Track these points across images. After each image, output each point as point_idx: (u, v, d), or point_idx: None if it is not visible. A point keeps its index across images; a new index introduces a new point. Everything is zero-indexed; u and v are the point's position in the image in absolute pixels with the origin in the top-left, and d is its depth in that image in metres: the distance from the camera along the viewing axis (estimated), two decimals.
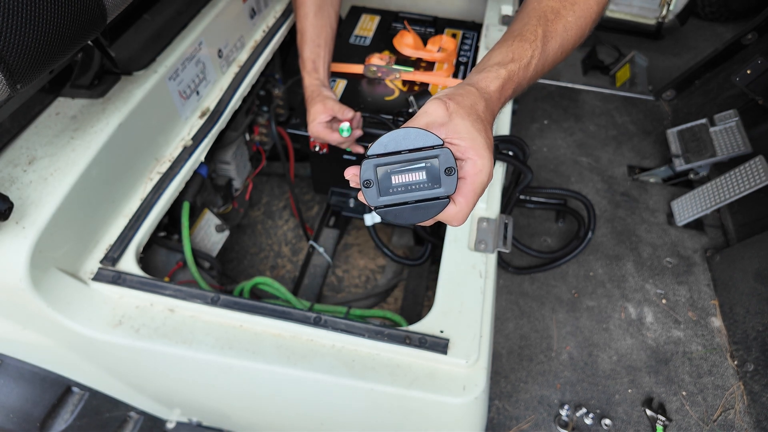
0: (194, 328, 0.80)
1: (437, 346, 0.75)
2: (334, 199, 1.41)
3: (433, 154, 0.50)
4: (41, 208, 0.77)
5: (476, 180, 0.52)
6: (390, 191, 0.51)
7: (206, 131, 1.06)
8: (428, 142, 0.50)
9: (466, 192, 0.52)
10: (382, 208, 0.51)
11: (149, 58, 0.98)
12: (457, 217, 0.53)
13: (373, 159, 0.50)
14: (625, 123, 2.03)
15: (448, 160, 0.50)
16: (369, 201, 0.51)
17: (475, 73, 0.61)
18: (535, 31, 0.64)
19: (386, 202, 0.51)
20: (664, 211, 1.70)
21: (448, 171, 0.50)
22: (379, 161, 0.50)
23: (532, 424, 1.25)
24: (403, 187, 0.51)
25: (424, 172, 0.50)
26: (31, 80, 0.67)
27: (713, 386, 1.30)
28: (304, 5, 1.13)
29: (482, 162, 0.51)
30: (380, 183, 0.51)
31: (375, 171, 0.50)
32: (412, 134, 0.50)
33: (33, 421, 0.92)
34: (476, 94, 0.56)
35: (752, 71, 1.66)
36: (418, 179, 0.50)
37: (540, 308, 1.45)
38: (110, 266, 0.85)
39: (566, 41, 0.67)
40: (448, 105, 0.53)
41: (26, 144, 0.85)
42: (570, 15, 0.67)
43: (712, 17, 2.95)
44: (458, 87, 0.57)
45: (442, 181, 0.50)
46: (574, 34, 0.68)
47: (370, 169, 0.50)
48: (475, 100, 0.55)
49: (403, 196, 0.51)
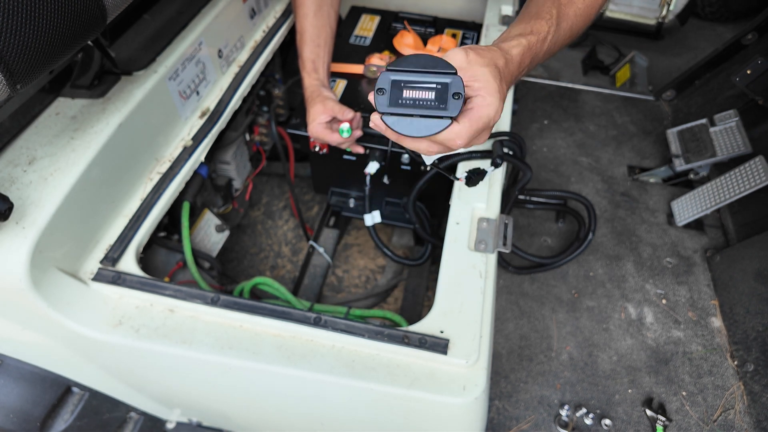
0: (194, 328, 0.80)
1: (437, 346, 0.75)
2: (334, 199, 1.41)
3: (445, 79, 0.54)
4: (41, 209, 0.77)
5: (482, 111, 0.57)
6: (399, 102, 0.55)
7: (206, 131, 1.06)
8: (443, 68, 0.55)
9: (470, 117, 0.57)
10: (388, 114, 0.56)
11: (149, 58, 0.98)
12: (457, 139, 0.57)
13: (391, 72, 0.55)
14: (625, 123, 2.03)
15: (457, 85, 0.54)
16: (378, 107, 0.56)
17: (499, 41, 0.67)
18: (550, 11, 0.71)
19: (393, 111, 0.56)
20: (664, 211, 1.70)
21: (456, 95, 0.54)
22: (396, 75, 0.55)
23: (532, 424, 1.25)
24: (411, 101, 0.55)
25: (434, 92, 0.54)
26: (31, 80, 0.67)
27: (713, 386, 1.30)
28: (303, 5, 1.13)
29: (491, 99, 0.57)
30: (392, 93, 0.55)
31: (390, 82, 0.55)
32: (431, 60, 0.55)
33: (33, 421, 0.92)
34: (498, 52, 0.61)
35: (752, 71, 1.66)
36: (426, 97, 0.55)
37: (540, 308, 1.45)
38: (110, 266, 0.85)
39: (575, 25, 0.74)
40: (469, 54, 0.58)
41: (26, 144, 0.85)
42: (580, 2, 0.74)
43: (712, 17, 2.95)
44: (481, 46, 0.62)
45: (449, 103, 0.54)
46: (582, 20, 0.75)
47: (386, 81, 0.55)
48: (496, 56, 0.60)
49: (410, 110, 0.55)
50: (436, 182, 1.10)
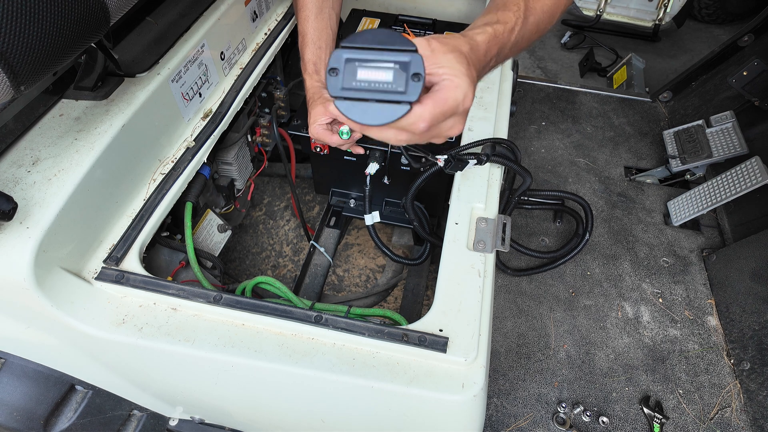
0: (197, 326, 0.81)
1: (436, 344, 0.76)
2: (335, 199, 1.42)
3: (404, 58, 0.48)
4: (45, 209, 0.78)
5: (450, 94, 0.51)
6: (353, 84, 0.49)
7: (209, 133, 1.07)
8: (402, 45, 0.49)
9: (435, 98, 0.51)
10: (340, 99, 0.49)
11: (152, 60, 0.99)
12: (419, 122, 0.51)
13: (345, 49, 0.49)
14: (622, 124, 2.05)
15: (417, 65, 0.48)
16: (330, 90, 0.50)
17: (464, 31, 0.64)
18: (517, 3, 0.69)
19: (346, 94, 0.49)
20: (661, 211, 1.71)
21: (415, 77, 0.48)
22: (350, 54, 0.49)
23: (530, 421, 1.26)
24: (366, 83, 0.49)
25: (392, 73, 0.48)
26: (34, 82, 0.67)
27: (710, 384, 1.31)
28: (305, 8, 1.14)
29: (458, 80, 0.51)
30: (345, 73, 0.49)
31: (344, 61, 0.49)
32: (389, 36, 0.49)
33: (37, 419, 0.93)
34: (461, 39, 0.58)
35: (748, 73, 1.68)
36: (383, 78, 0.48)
37: (538, 307, 1.46)
38: (114, 266, 0.85)
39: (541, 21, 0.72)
40: (431, 42, 0.54)
41: (30, 145, 0.86)
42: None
43: (708, 19, 2.97)
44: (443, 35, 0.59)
45: (407, 86, 0.48)
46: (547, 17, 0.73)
47: (340, 59, 0.49)
48: (459, 43, 0.57)
49: (365, 94, 0.49)
50: (436, 182, 1.11)
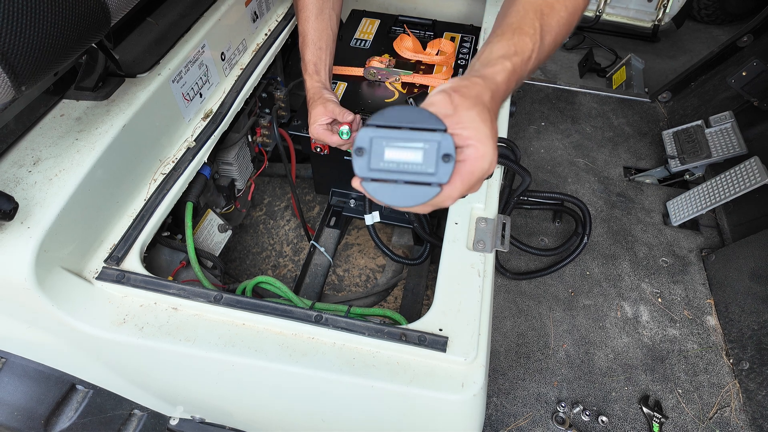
0: (197, 326, 0.81)
1: (436, 344, 0.76)
2: (335, 199, 1.42)
3: (434, 137, 0.47)
4: (46, 209, 0.78)
5: (476, 165, 0.50)
6: (381, 165, 0.48)
7: (209, 133, 1.07)
8: (431, 124, 0.47)
9: (462, 173, 0.50)
10: (368, 180, 0.48)
11: (153, 60, 0.99)
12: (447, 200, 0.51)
13: (371, 128, 0.48)
14: (621, 125, 2.05)
15: (447, 146, 0.47)
16: (357, 170, 0.48)
17: (481, 66, 0.60)
18: (533, 25, 0.64)
19: (374, 175, 0.48)
20: (660, 211, 1.72)
21: (446, 158, 0.47)
22: (377, 132, 0.47)
23: (530, 420, 1.26)
24: (395, 164, 0.48)
25: (421, 153, 0.47)
26: (35, 82, 0.68)
27: (709, 384, 1.31)
28: (305, 9, 1.15)
29: (484, 149, 0.50)
30: (372, 154, 0.48)
31: (370, 141, 0.48)
32: (416, 113, 0.48)
33: (37, 419, 0.93)
34: (482, 85, 0.55)
35: (747, 73, 1.68)
36: (412, 159, 0.47)
37: (537, 307, 1.46)
38: (114, 265, 0.86)
39: (559, 35, 0.68)
40: (453, 97, 0.52)
41: (31, 145, 0.86)
42: (563, 10, 0.68)
43: (707, 20, 2.97)
44: (463, 79, 0.56)
45: (437, 168, 0.47)
46: (565, 29, 0.69)
47: (366, 138, 0.48)
48: (481, 91, 0.55)
49: (393, 174, 0.48)
50: None
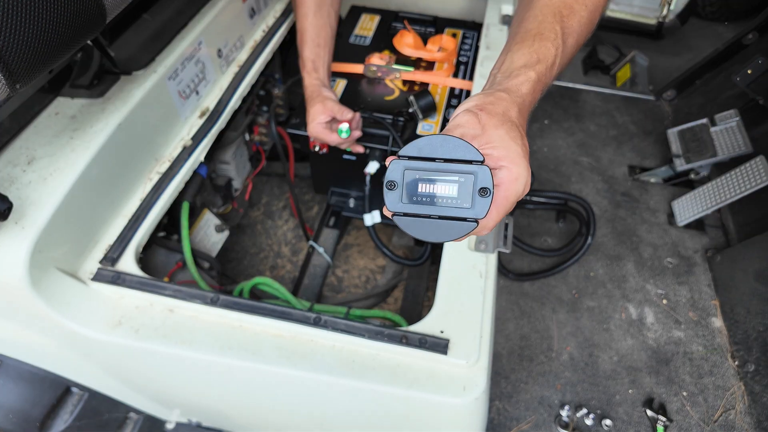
0: (194, 328, 0.80)
1: (437, 346, 0.74)
2: (334, 199, 1.41)
3: (470, 169, 0.45)
4: (40, 209, 0.77)
5: (510, 188, 0.48)
6: (414, 199, 0.46)
7: (206, 131, 1.06)
8: (467, 155, 0.45)
9: (498, 200, 0.48)
10: (400, 215, 0.47)
11: (149, 57, 0.98)
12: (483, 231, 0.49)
13: (404, 160, 0.46)
14: (625, 123, 2.03)
15: (485, 179, 0.45)
16: (389, 205, 0.47)
17: (503, 77, 0.58)
18: (554, 29, 0.61)
19: (407, 210, 0.46)
20: (665, 211, 1.70)
21: (483, 192, 0.45)
22: (410, 164, 0.46)
23: (533, 424, 1.24)
24: (428, 198, 0.46)
25: (456, 187, 0.45)
26: (30, 80, 0.66)
27: (714, 387, 1.30)
28: (303, 5, 1.13)
29: (518, 170, 0.48)
30: (405, 187, 0.46)
31: (403, 173, 0.46)
32: (451, 143, 0.45)
33: (32, 422, 0.92)
34: (508, 100, 0.53)
35: (753, 71, 1.66)
36: (447, 193, 0.46)
37: (540, 308, 1.45)
38: (110, 266, 0.85)
39: (580, 36, 0.65)
40: (480, 116, 0.50)
41: (25, 144, 0.85)
42: (583, 10, 0.65)
43: (712, 17, 2.95)
44: (487, 95, 0.54)
45: (474, 202, 0.45)
46: (586, 30, 0.66)
47: (398, 171, 0.46)
48: (508, 106, 0.52)
49: (427, 209, 0.46)
50: None
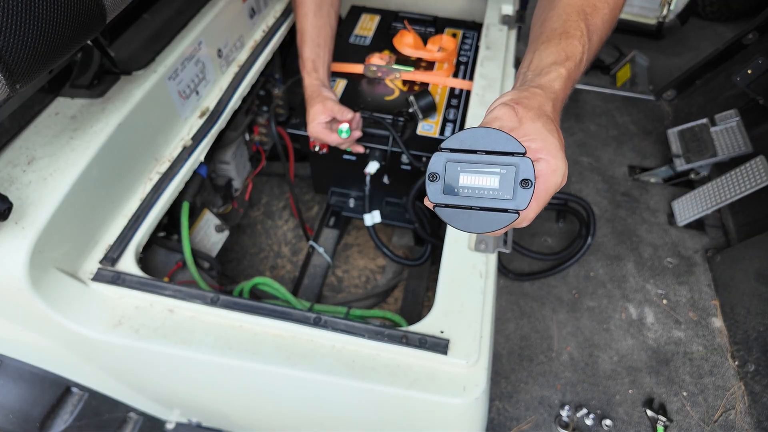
0: (194, 328, 0.80)
1: (437, 346, 0.74)
2: (334, 199, 1.41)
3: (512, 161, 0.46)
4: (40, 209, 0.77)
5: (549, 180, 0.48)
6: (455, 191, 0.47)
7: (206, 131, 1.06)
8: (508, 147, 0.46)
9: (537, 192, 0.48)
10: (442, 206, 0.48)
11: (149, 57, 0.98)
12: (524, 222, 0.50)
13: (446, 153, 0.47)
14: (625, 123, 2.03)
15: (527, 171, 0.45)
16: (431, 196, 0.48)
17: (534, 75, 0.59)
18: (579, 26, 0.62)
19: (448, 201, 0.47)
20: (665, 211, 1.70)
21: (525, 183, 0.46)
22: (451, 156, 0.46)
23: (533, 424, 1.24)
24: (470, 189, 0.47)
25: (498, 178, 0.46)
26: (30, 80, 0.66)
27: (714, 387, 1.30)
28: (303, 5, 1.13)
29: (556, 162, 0.49)
30: (446, 179, 0.47)
31: (444, 166, 0.47)
32: (493, 136, 0.46)
33: (32, 422, 0.92)
34: (542, 95, 0.54)
35: (753, 71, 1.66)
36: (488, 185, 0.46)
37: (540, 309, 1.44)
38: (110, 266, 0.84)
39: (604, 33, 0.66)
40: (517, 110, 0.51)
41: (25, 144, 0.85)
42: (605, 7, 0.65)
43: (712, 17, 2.95)
44: (522, 90, 0.55)
45: (516, 194, 0.46)
46: (609, 27, 0.67)
47: (440, 163, 0.47)
48: (543, 101, 0.53)
49: (468, 200, 0.47)
50: None
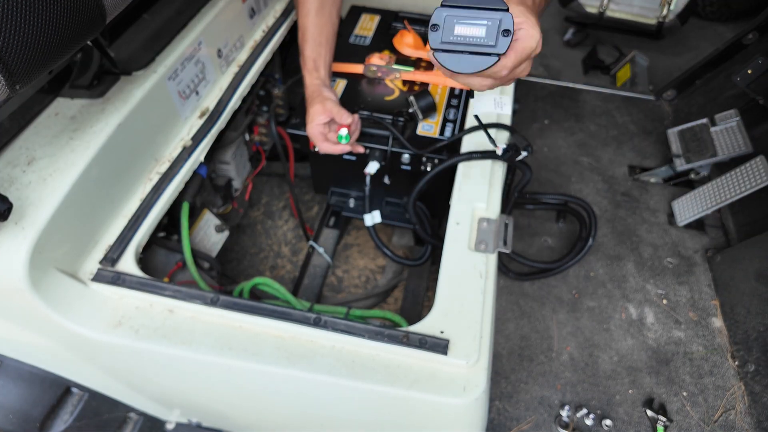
0: (194, 328, 0.80)
1: (437, 346, 0.74)
2: (334, 199, 1.41)
3: (497, 16, 0.56)
4: (40, 209, 0.77)
5: (526, 43, 0.60)
6: (450, 39, 0.58)
7: (206, 131, 1.06)
8: (495, 5, 0.57)
9: (516, 48, 0.60)
10: (440, 51, 0.59)
11: (149, 58, 0.98)
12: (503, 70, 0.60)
13: (445, 8, 0.57)
14: (625, 123, 2.03)
15: (507, 22, 0.56)
16: (431, 43, 0.58)
17: None
18: None
19: (444, 47, 0.58)
20: (665, 211, 1.70)
21: (505, 33, 0.56)
22: (450, 11, 0.57)
23: (533, 424, 1.24)
24: (462, 38, 0.57)
25: (484, 29, 0.56)
26: (30, 80, 0.66)
27: (714, 387, 1.30)
28: (305, 3, 1.13)
29: (533, 31, 0.61)
30: (444, 29, 0.57)
31: (443, 18, 0.57)
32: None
33: (32, 422, 0.92)
34: None
35: (753, 71, 1.66)
36: (476, 34, 0.57)
37: (540, 309, 1.44)
38: (110, 267, 0.84)
39: None
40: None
41: (25, 144, 0.85)
42: None
43: (712, 17, 2.95)
44: None
45: (497, 41, 0.57)
46: None
47: (440, 16, 0.57)
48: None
49: (460, 46, 0.58)
50: (438, 182, 1.10)
